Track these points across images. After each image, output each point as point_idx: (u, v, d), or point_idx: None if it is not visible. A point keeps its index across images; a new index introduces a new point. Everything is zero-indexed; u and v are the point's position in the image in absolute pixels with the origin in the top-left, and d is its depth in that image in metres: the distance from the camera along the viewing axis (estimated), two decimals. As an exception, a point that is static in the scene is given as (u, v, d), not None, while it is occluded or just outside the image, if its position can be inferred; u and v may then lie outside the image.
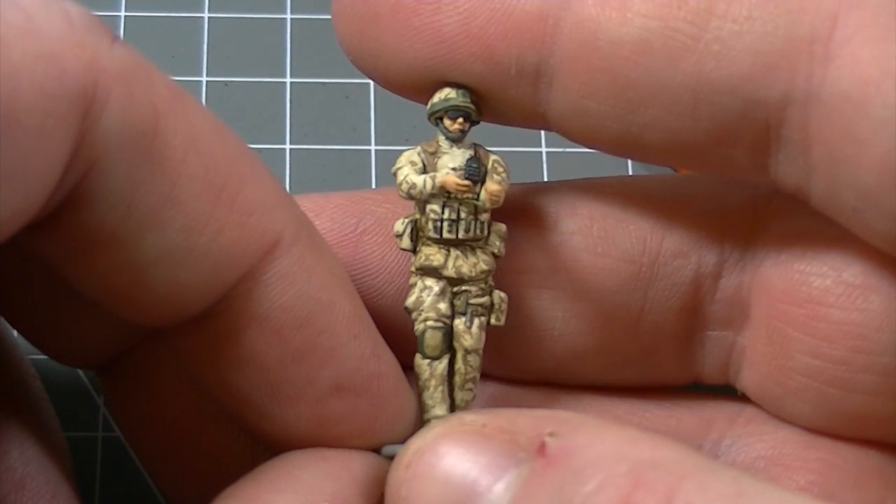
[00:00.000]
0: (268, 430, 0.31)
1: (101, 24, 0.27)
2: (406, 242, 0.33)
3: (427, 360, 0.32)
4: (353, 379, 0.30)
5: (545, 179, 0.45)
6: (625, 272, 0.34)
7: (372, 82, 0.46)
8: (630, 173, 0.45)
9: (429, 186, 0.32)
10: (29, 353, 0.34)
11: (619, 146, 0.32)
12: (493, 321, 0.33)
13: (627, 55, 0.30)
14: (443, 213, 0.32)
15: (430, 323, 0.32)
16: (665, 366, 0.35)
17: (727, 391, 0.36)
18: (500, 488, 0.27)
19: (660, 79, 0.30)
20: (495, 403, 0.35)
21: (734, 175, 0.33)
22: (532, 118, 0.32)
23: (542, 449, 0.27)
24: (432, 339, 0.32)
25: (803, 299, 0.33)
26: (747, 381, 0.35)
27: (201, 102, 0.29)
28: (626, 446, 0.27)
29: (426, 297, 0.32)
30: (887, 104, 0.29)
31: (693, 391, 0.36)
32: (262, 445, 0.31)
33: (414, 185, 0.32)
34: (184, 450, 0.33)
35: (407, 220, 0.33)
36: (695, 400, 0.36)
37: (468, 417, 0.29)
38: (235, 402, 0.30)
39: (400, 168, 0.32)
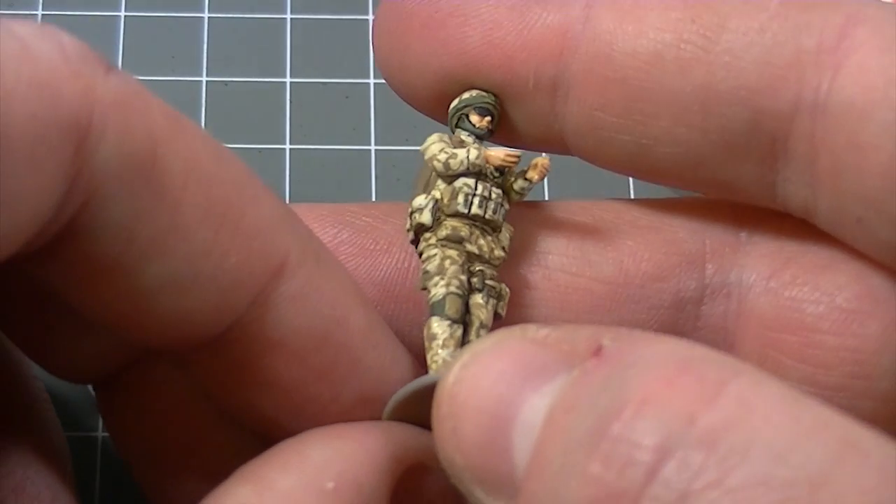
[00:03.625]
0: None
1: (96, 54, 0.27)
2: (427, 216, 0.32)
3: (448, 322, 0.31)
4: (377, 389, 0.30)
5: (545, 180, 0.45)
6: (599, 292, 0.33)
7: (372, 82, 0.47)
8: (630, 187, 0.45)
9: (473, 156, 0.32)
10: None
11: (633, 164, 0.33)
12: (499, 310, 0.32)
13: (640, 66, 0.31)
14: (476, 188, 0.32)
15: (452, 289, 0.31)
16: None
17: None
18: (548, 388, 0.27)
19: (670, 89, 0.31)
20: None
21: (743, 198, 0.33)
22: (550, 135, 0.33)
23: (598, 351, 0.27)
24: (454, 303, 0.31)
25: (796, 327, 0.33)
26: None
27: (200, 125, 0.28)
28: (682, 348, 0.26)
29: (449, 265, 0.32)
30: (891, 108, 0.29)
31: None
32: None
33: (454, 155, 0.32)
34: (180, 467, 0.33)
35: (429, 197, 0.32)
36: None
37: (531, 328, 0.28)
38: (259, 422, 0.30)
39: (432, 143, 0.32)
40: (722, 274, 0.34)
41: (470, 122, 0.33)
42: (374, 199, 0.45)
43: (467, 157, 0.32)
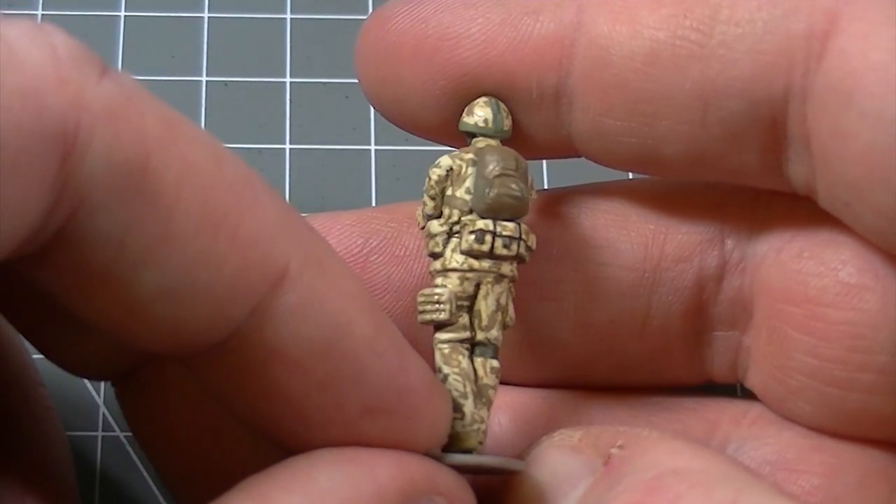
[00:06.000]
0: (302, 451, 0.30)
1: (91, 56, 0.26)
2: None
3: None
4: (383, 398, 0.29)
5: (545, 177, 0.45)
6: (628, 279, 0.34)
7: (372, 82, 0.47)
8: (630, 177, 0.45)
9: None
10: (33, 353, 0.34)
11: (641, 163, 0.33)
12: None
13: (638, 67, 0.31)
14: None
15: None
16: (676, 367, 0.35)
17: (734, 391, 0.36)
18: (572, 495, 0.30)
19: (669, 88, 0.31)
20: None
21: (752, 183, 0.33)
22: (559, 143, 0.33)
23: (608, 459, 0.29)
24: None
25: (801, 299, 0.33)
26: (753, 380, 0.35)
27: (199, 127, 0.27)
28: (667, 456, 0.29)
29: None
30: (869, 95, 0.29)
31: (699, 391, 0.36)
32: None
33: None
34: (202, 461, 0.33)
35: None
36: (699, 401, 0.36)
37: (567, 433, 0.31)
38: (265, 426, 0.30)
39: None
40: (740, 248, 0.34)
41: None
42: (374, 198, 0.45)
43: None
